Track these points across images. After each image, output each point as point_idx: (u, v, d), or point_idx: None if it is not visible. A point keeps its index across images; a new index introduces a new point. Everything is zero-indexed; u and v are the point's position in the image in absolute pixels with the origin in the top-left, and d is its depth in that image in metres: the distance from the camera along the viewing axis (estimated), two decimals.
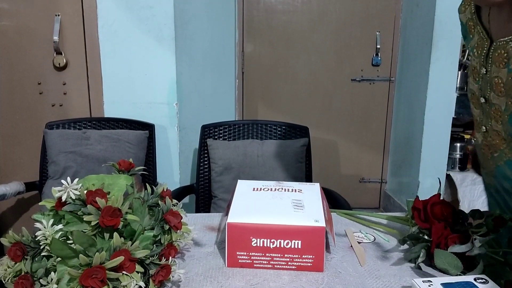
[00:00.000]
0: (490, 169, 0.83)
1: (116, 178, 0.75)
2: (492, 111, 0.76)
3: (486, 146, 0.81)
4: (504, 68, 0.70)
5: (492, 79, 0.73)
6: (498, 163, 0.79)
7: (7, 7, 1.90)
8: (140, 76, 1.92)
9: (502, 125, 0.74)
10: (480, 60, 0.76)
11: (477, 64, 0.77)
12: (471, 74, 0.80)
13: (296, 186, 0.93)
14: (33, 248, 0.63)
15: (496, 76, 0.72)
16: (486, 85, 0.76)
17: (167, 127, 1.98)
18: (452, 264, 0.74)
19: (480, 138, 0.83)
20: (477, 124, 0.83)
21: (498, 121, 0.75)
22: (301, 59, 2.47)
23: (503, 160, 0.78)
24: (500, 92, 0.72)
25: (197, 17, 2.02)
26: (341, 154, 2.61)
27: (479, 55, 0.76)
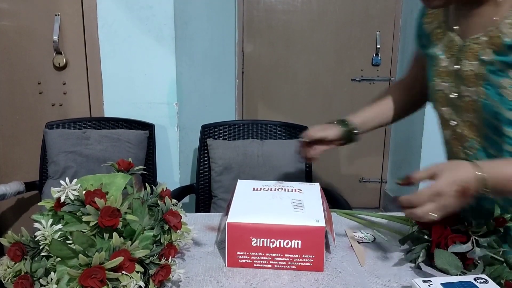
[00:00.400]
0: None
1: (113, 177, 0.75)
2: (463, 103, 0.85)
3: (455, 139, 0.90)
4: (476, 61, 0.80)
5: (465, 73, 0.83)
6: (470, 153, 0.87)
7: (7, 7, 1.89)
8: (140, 76, 1.92)
9: (475, 113, 0.83)
10: (452, 60, 0.85)
11: (447, 64, 0.87)
12: (437, 76, 0.90)
13: (296, 186, 0.93)
14: (33, 248, 0.63)
15: (469, 70, 0.82)
16: (458, 81, 0.85)
17: (167, 127, 1.98)
18: (452, 264, 0.74)
19: (449, 133, 0.92)
20: (444, 122, 0.92)
21: (470, 111, 0.84)
22: (301, 59, 2.47)
23: (475, 148, 0.86)
24: (472, 83, 0.82)
25: (197, 17, 2.02)
26: (341, 154, 2.61)
27: (450, 56, 0.86)
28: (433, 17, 0.93)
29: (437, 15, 0.91)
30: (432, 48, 0.92)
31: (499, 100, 0.78)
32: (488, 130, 0.83)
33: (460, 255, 0.74)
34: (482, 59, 0.79)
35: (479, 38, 0.79)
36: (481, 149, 0.86)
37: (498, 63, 0.77)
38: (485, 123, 0.82)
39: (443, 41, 0.88)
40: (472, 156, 0.87)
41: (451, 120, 0.90)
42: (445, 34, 0.88)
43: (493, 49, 0.77)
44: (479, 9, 0.80)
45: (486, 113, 0.81)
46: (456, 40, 0.85)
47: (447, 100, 0.89)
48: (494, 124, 0.81)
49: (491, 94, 0.79)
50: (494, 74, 0.78)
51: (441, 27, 0.90)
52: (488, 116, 0.81)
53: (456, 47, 0.85)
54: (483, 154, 0.86)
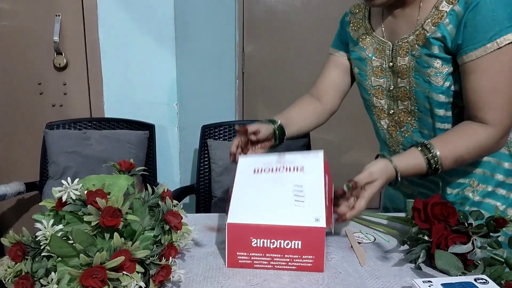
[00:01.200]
0: (398, 143, 1.06)
1: (116, 178, 0.75)
2: (399, 93, 1.00)
3: (392, 126, 1.06)
4: (407, 56, 0.95)
5: (399, 68, 0.97)
6: (406, 135, 1.03)
7: (7, 7, 1.90)
8: (140, 76, 1.92)
9: (410, 100, 0.98)
10: (384, 59, 1.00)
11: (379, 63, 1.01)
12: (373, 74, 1.03)
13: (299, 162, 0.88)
14: (34, 248, 0.63)
15: (402, 64, 0.96)
16: (393, 75, 1.00)
17: (167, 127, 1.98)
18: (452, 265, 0.74)
19: (387, 122, 1.06)
20: (381, 112, 1.06)
21: (405, 99, 0.99)
22: (301, 59, 2.47)
23: (410, 130, 1.02)
24: (404, 75, 0.97)
25: (197, 17, 2.02)
26: (341, 154, 2.61)
27: (382, 56, 1.00)
28: (358, 25, 1.07)
29: (361, 24, 1.06)
30: (362, 51, 1.05)
31: (429, 87, 0.92)
32: (422, 114, 0.98)
33: (461, 256, 0.75)
34: (412, 54, 0.94)
35: (408, 38, 0.94)
36: (416, 130, 1.01)
37: (424, 55, 0.91)
38: (419, 108, 0.98)
39: (372, 45, 1.02)
40: (408, 137, 1.03)
41: (390, 109, 1.04)
42: (372, 39, 1.02)
43: (420, 44, 0.92)
44: (405, 10, 0.94)
45: (419, 99, 0.96)
46: (386, 43, 0.99)
47: (385, 93, 1.03)
48: (426, 107, 0.96)
49: (420, 83, 0.94)
50: (421, 65, 0.92)
51: (368, 33, 1.04)
52: (420, 101, 0.96)
53: (388, 48, 0.99)
54: (418, 134, 1.01)
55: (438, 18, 0.88)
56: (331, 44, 1.18)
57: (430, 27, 0.89)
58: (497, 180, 0.97)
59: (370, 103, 1.08)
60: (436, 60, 0.90)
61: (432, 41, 0.89)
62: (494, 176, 0.97)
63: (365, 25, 1.05)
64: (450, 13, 0.86)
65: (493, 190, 0.98)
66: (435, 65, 0.90)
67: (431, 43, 0.89)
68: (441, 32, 0.87)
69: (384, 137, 1.10)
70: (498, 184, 0.98)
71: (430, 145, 0.86)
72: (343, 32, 1.12)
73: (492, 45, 0.82)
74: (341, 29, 1.14)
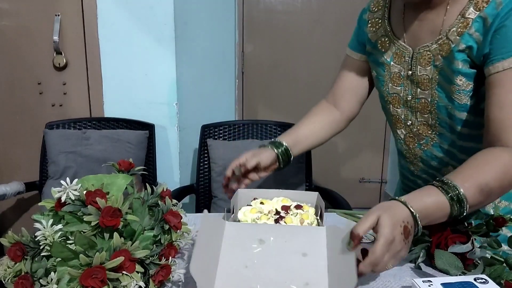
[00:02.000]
0: (416, 156, 0.99)
1: (114, 178, 0.75)
2: (419, 105, 0.92)
3: (410, 137, 0.98)
4: (429, 66, 0.86)
5: (420, 78, 0.89)
6: (425, 148, 0.96)
7: (7, 7, 1.89)
8: (140, 76, 1.92)
9: (430, 114, 0.90)
10: (403, 66, 0.92)
11: (398, 70, 0.93)
12: (390, 80, 0.95)
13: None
14: (33, 248, 0.63)
15: (423, 74, 0.88)
16: (412, 84, 0.91)
17: (167, 127, 1.98)
18: (452, 264, 0.74)
19: (404, 132, 0.99)
20: (399, 122, 0.98)
21: (425, 112, 0.91)
22: (301, 59, 2.47)
23: (430, 144, 0.94)
24: (426, 86, 0.88)
25: (197, 17, 2.02)
26: (341, 154, 2.61)
27: (401, 62, 0.92)
28: (376, 26, 0.97)
29: (381, 25, 0.96)
30: (380, 55, 0.96)
31: (451, 104, 0.85)
32: (443, 129, 0.90)
33: (460, 255, 0.75)
34: (435, 65, 0.85)
35: (430, 46, 0.85)
36: (436, 144, 0.93)
37: (447, 69, 0.83)
38: (440, 123, 0.90)
39: (391, 49, 0.93)
40: (428, 151, 0.95)
41: (407, 120, 0.96)
42: (391, 42, 0.93)
43: (443, 55, 0.83)
44: (429, 14, 0.85)
45: (440, 113, 0.88)
46: (407, 48, 0.90)
47: (402, 102, 0.95)
48: (448, 123, 0.88)
49: (443, 97, 0.86)
50: (445, 79, 0.85)
51: (387, 35, 0.94)
52: (443, 116, 0.88)
53: (407, 54, 0.90)
54: (438, 149, 0.93)
55: (464, 27, 0.79)
56: (348, 43, 1.09)
57: (455, 37, 0.81)
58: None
59: (387, 110, 1.01)
60: (458, 77, 0.81)
61: (457, 54, 0.80)
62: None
63: (385, 26, 0.95)
64: (476, 20, 0.78)
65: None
66: (457, 82, 0.82)
67: (455, 56, 0.81)
68: (466, 42, 0.79)
69: (401, 147, 1.03)
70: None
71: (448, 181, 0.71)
72: (360, 32, 1.03)
73: None
74: (358, 28, 1.04)
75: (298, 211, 0.87)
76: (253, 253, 0.70)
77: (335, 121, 1.10)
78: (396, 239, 0.64)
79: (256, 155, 0.96)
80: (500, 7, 0.74)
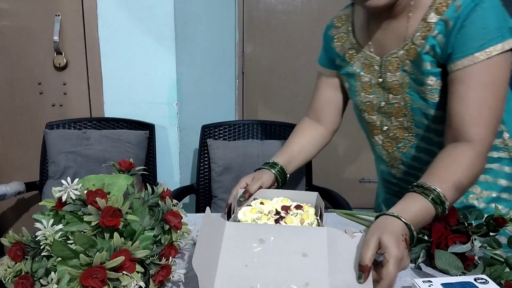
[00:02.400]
0: (396, 159, 1.03)
1: (115, 178, 0.75)
2: (392, 110, 0.96)
3: (388, 142, 1.02)
4: (398, 72, 0.91)
5: (390, 84, 0.93)
6: (404, 150, 1.00)
7: (7, 7, 1.89)
8: (140, 76, 1.92)
9: (405, 117, 0.94)
10: (373, 74, 0.96)
11: (369, 79, 0.97)
12: (362, 90, 1.00)
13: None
14: (33, 248, 0.63)
15: (393, 80, 0.92)
16: (384, 91, 0.96)
17: (167, 127, 1.98)
18: (452, 265, 0.74)
19: (381, 138, 1.03)
20: (376, 128, 1.03)
21: (399, 115, 0.95)
22: (301, 59, 2.47)
23: (408, 146, 0.99)
24: (397, 91, 0.93)
25: (197, 17, 2.02)
26: (341, 154, 2.61)
27: (371, 71, 0.96)
28: (342, 40, 1.02)
29: (346, 38, 1.01)
30: (349, 67, 1.01)
31: (425, 104, 0.89)
32: (419, 129, 0.94)
33: (460, 255, 0.75)
34: (404, 69, 0.90)
35: (397, 52, 0.90)
36: (414, 145, 0.98)
37: (417, 72, 0.87)
38: (416, 124, 0.94)
39: (359, 60, 0.98)
40: (406, 153, 1.00)
41: (383, 126, 1.00)
42: (359, 53, 0.98)
43: (411, 60, 0.88)
44: (392, 23, 0.89)
45: (416, 115, 0.92)
46: (374, 57, 0.95)
47: (376, 108, 1.00)
48: (424, 123, 0.92)
49: (416, 99, 0.90)
50: (415, 82, 0.89)
51: (354, 48, 0.99)
52: (418, 117, 0.92)
53: (376, 63, 0.95)
54: (416, 149, 0.98)
55: (427, 31, 0.84)
56: (318, 59, 1.14)
57: (420, 41, 0.85)
58: (501, 185, 0.95)
59: (362, 118, 1.06)
60: (429, 77, 0.86)
61: (424, 57, 0.85)
62: (497, 181, 0.95)
63: (350, 39, 1.00)
64: (438, 23, 0.83)
65: (498, 195, 0.96)
66: (428, 82, 0.87)
67: (423, 59, 0.85)
68: (430, 44, 0.84)
69: (380, 152, 1.07)
70: (502, 189, 0.96)
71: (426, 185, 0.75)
72: (328, 48, 1.08)
73: (481, 54, 0.79)
74: (325, 45, 1.10)
75: (298, 211, 0.87)
76: (253, 253, 0.70)
77: (321, 136, 1.15)
78: (404, 255, 0.66)
79: (257, 179, 0.97)
80: (460, 9, 0.79)
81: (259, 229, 0.75)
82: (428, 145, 0.95)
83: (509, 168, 0.95)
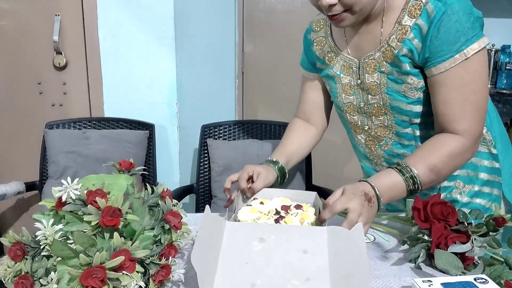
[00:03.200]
0: (379, 156, 1.06)
1: (116, 178, 0.75)
2: (372, 110, 0.99)
3: (370, 141, 1.05)
4: (376, 73, 0.94)
5: (369, 85, 0.96)
6: (386, 148, 1.03)
7: (7, 7, 1.90)
8: (140, 76, 1.92)
9: (385, 115, 0.97)
10: (352, 76, 0.99)
11: (348, 80, 1.00)
12: (343, 91, 1.02)
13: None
14: (33, 248, 0.63)
15: (371, 81, 0.95)
16: (363, 92, 0.99)
17: (167, 127, 1.98)
18: (452, 264, 0.74)
19: (364, 137, 1.06)
20: (357, 128, 1.06)
21: (379, 115, 0.98)
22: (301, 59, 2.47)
23: (389, 143, 1.02)
24: (375, 92, 0.96)
25: (197, 17, 2.02)
26: (341, 154, 2.61)
27: (350, 73, 0.99)
28: (321, 44, 1.05)
29: (325, 42, 1.04)
30: (330, 69, 1.04)
31: (405, 100, 0.92)
32: (400, 127, 0.97)
33: (460, 255, 0.75)
34: (381, 70, 0.93)
35: (374, 54, 0.93)
36: (395, 142, 1.01)
37: (396, 72, 0.90)
38: (396, 122, 0.97)
39: (339, 62, 1.01)
40: (388, 150, 1.03)
41: (364, 125, 1.04)
42: (338, 56, 1.01)
43: (388, 61, 0.91)
44: (368, 26, 0.93)
45: (396, 113, 0.95)
46: (352, 60, 0.98)
47: (356, 109, 1.03)
48: (405, 120, 0.95)
49: (395, 98, 0.93)
50: (394, 81, 0.92)
51: (332, 51, 1.02)
52: (398, 115, 0.95)
53: (354, 65, 0.98)
54: (398, 146, 1.01)
55: (403, 34, 0.87)
56: (300, 62, 1.18)
57: (396, 44, 0.88)
58: (482, 179, 0.99)
59: (345, 119, 1.09)
60: (409, 77, 0.89)
61: (402, 58, 0.88)
62: (478, 175, 0.98)
63: (329, 43, 1.03)
64: (414, 27, 0.85)
65: (479, 189, 0.99)
66: (409, 81, 0.89)
67: (401, 60, 0.88)
68: (408, 47, 0.86)
69: (363, 151, 1.10)
70: (484, 183, 0.99)
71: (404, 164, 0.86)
72: (308, 52, 1.11)
73: (460, 56, 0.82)
74: (306, 48, 1.12)
75: (298, 211, 0.87)
76: (254, 251, 0.71)
77: (313, 135, 1.18)
78: (357, 195, 0.78)
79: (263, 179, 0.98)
80: (432, 14, 0.82)
81: (260, 228, 0.76)
82: (409, 140, 0.98)
83: (488, 162, 0.98)
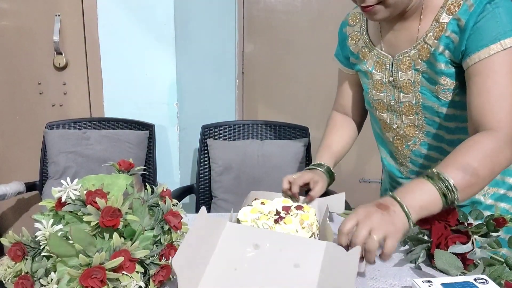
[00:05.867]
0: (405, 156, 1.04)
1: (115, 178, 0.75)
2: (403, 108, 0.97)
3: (398, 139, 1.03)
4: (410, 71, 0.92)
5: (401, 82, 0.95)
6: (413, 148, 1.01)
7: (7, 7, 1.89)
8: (140, 76, 1.92)
9: (416, 115, 0.96)
10: (385, 73, 0.98)
11: (380, 77, 0.99)
12: (373, 88, 1.01)
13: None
14: (33, 248, 0.63)
15: (405, 79, 0.94)
16: (394, 90, 0.97)
17: (167, 127, 1.98)
18: (452, 265, 0.74)
19: (392, 135, 1.04)
20: (386, 126, 1.04)
21: (410, 114, 0.97)
22: (301, 59, 2.47)
23: (418, 144, 1.00)
24: (408, 90, 0.94)
25: (197, 17, 2.02)
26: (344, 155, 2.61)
27: (382, 70, 0.98)
28: (356, 39, 1.04)
29: (360, 37, 1.03)
30: (363, 65, 1.03)
31: (438, 102, 0.90)
32: (430, 127, 0.95)
33: (460, 256, 0.75)
34: (416, 68, 0.91)
35: (409, 52, 0.92)
36: (424, 143, 0.99)
37: (430, 71, 0.89)
38: (427, 122, 0.95)
39: (372, 58, 1.00)
40: (416, 151, 1.01)
41: (393, 124, 1.02)
42: (372, 52, 1.00)
43: (424, 59, 0.89)
44: (404, 23, 0.91)
45: (427, 113, 0.94)
46: (386, 56, 0.97)
47: (386, 107, 1.01)
48: (436, 121, 0.93)
49: (428, 97, 0.92)
50: (428, 81, 0.90)
51: (367, 46, 1.01)
52: (429, 115, 0.94)
53: (388, 62, 0.96)
54: (426, 147, 0.99)
55: (440, 31, 0.86)
56: (334, 53, 1.16)
57: (432, 41, 0.87)
58: (509, 183, 0.96)
59: (374, 115, 1.08)
60: (442, 77, 0.87)
61: (438, 57, 0.86)
62: (504, 179, 0.96)
63: (364, 38, 1.02)
64: (450, 23, 0.84)
65: (505, 193, 0.96)
66: (441, 82, 0.88)
67: (437, 59, 0.87)
68: (444, 43, 0.85)
69: (390, 149, 1.09)
70: (510, 187, 0.96)
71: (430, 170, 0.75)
72: (343, 46, 1.10)
73: (496, 46, 0.79)
74: (341, 42, 1.11)
75: (299, 211, 0.87)
76: (245, 257, 0.70)
77: (354, 129, 1.20)
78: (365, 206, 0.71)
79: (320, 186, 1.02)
80: (472, 8, 0.81)
81: (257, 234, 0.75)
82: (439, 142, 0.96)
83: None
